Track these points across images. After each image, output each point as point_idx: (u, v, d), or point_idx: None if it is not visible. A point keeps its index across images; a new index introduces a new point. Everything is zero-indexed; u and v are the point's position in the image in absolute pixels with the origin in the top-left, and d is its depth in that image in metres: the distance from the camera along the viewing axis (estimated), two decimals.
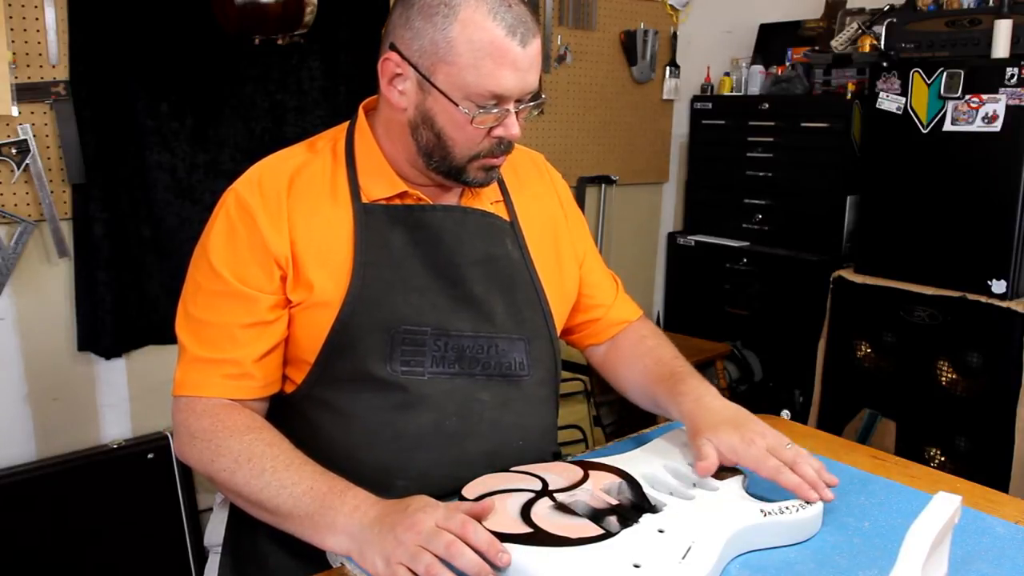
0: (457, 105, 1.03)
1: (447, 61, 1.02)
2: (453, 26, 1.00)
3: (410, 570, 0.85)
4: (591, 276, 1.34)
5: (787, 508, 0.97)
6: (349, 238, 1.10)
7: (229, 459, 1.01)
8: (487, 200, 1.20)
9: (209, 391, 1.06)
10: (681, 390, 1.15)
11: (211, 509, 1.29)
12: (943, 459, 2.53)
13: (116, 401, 2.29)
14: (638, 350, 1.30)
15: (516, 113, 1.06)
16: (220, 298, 1.08)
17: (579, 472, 1.04)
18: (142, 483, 2.24)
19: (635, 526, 0.92)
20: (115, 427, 2.30)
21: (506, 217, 1.21)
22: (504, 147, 1.09)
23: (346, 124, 1.19)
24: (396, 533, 0.87)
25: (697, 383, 1.16)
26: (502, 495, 0.98)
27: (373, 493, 0.96)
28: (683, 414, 1.12)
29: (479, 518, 0.90)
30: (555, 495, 0.98)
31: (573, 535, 0.89)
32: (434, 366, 1.10)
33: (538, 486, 1.01)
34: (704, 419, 1.08)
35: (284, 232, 1.08)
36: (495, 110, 1.04)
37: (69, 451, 2.20)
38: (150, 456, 2.25)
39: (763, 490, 1.04)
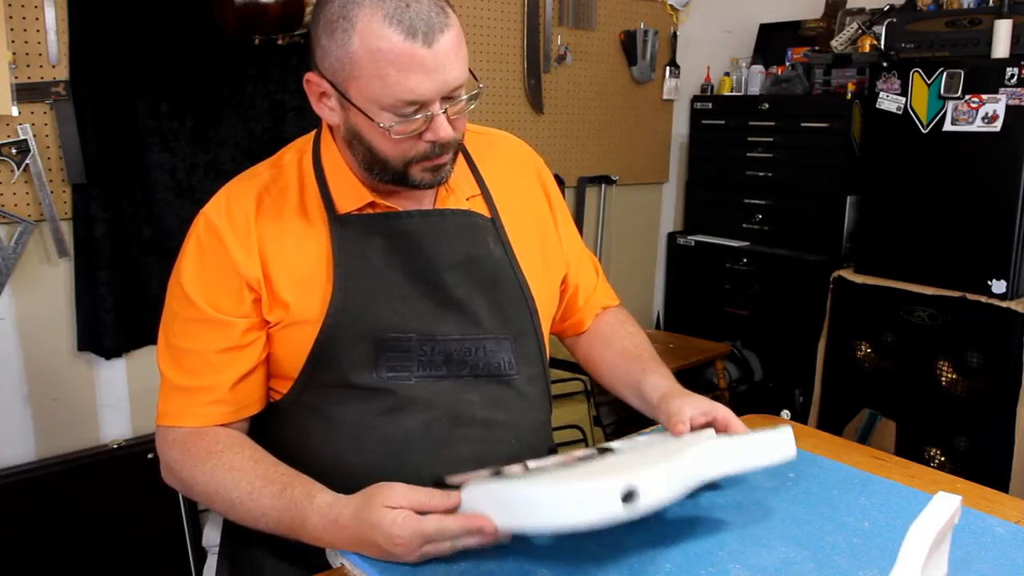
0: (372, 120, 1.00)
1: (354, 76, 0.98)
2: (353, 39, 0.96)
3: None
4: (573, 263, 1.33)
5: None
6: (326, 252, 1.09)
7: (200, 490, 1.04)
8: (462, 196, 1.17)
9: (183, 421, 1.07)
10: (659, 369, 1.23)
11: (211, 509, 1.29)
12: (943, 459, 2.53)
13: (116, 401, 2.29)
14: (618, 332, 1.33)
15: (447, 111, 1.02)
16: (195, 325, 1.08)
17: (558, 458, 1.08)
18: (142, 483, 2.23)
19: (608, 453, 0.98)
20: (115, 427, 2.30)
21: (486, 213, 1.19)
22: (440, 148, 1.04)
23: (312, 135, 1.17)
24: (394, 554, 0.90)
25: (664, 373, 1.23)
26: (474, 472, 1.00)
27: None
28: (656, 385, 1.18)
29: (450, 509, 0.92)
30: (527, 463, 1.01)
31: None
32: (421, 370, 1.10)
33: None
34: (676, 389, 1.16)
35: (254, 254, 1.07)
36: (417, 116, 1.00)
37: (69, 451, 2.20)
38: (150, 456, 2.25)
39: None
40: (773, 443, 1.01)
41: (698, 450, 0.95)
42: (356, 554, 0.93)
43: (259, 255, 1.07)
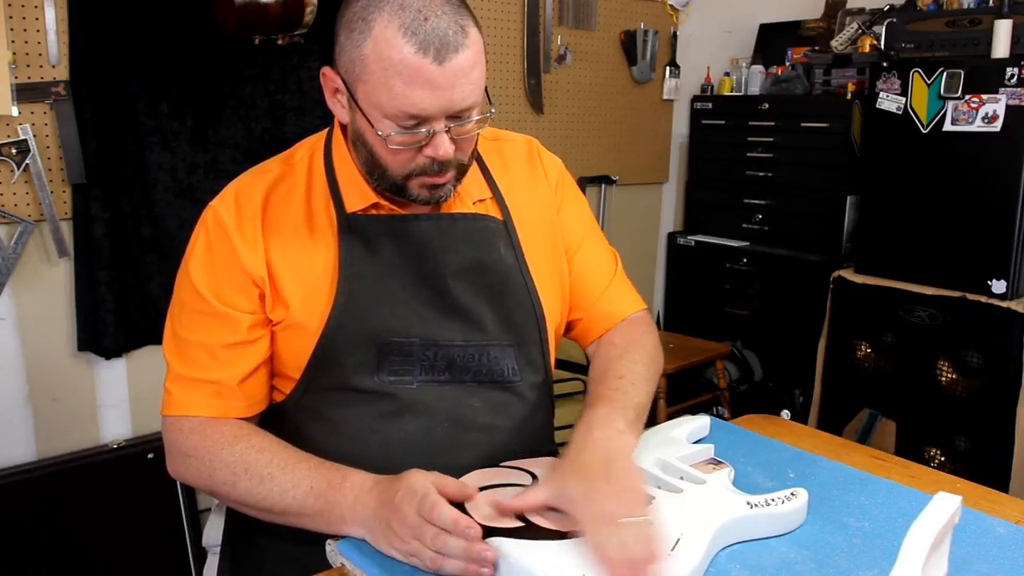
0: (373, 126, 0.99)
1: (362, 80, 0.98)
2: (367, 42, 0.96)
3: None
4: (582, 267, 1.27)
5: (773, 500, 0.98)
6: (332, 255, 1.08)
7: (226, 472, 1.02)
8: (469, 200, 1.16)
9: (195, 410, 1.07)
10: (585, 415, 1.04)
11: (211, 509, 1.29)
12: (943, 459, 2.53)
13: (116, 401, 2.30)
14: (600, 358, 1.22)
15: (451, 130, 0.99)
16: (202, 317, 1.07)
17: None
18: (142, 483, 2.24)
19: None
20: (115, 427, 2.30)
21: (498, 216, 1.17)
22: (439, 166, 1.02)
23: (324, 133, 1.17)
24: (392, 528, 0.90)
25: (605, 411, 1.03)
26: (493, 490, 0.98)
27: None
28: (570, 440, 1.00)
29: (463, 500, 0.92)
30: (535, 472, 0.99)
31: (564, 528, 0.90)
32: (423, 375, 1.09)
33: (528, 481, 1.01)
34: (572, 455, 0.97)
35: (259, 251, 1.07)
36: (420, 130, 0.98)
37: (69, 451, 2.21)
38: (150, 456, 2.25)
39: (750, 485, 1.05)
40: (787, 517, 0.98)
41: (721, 526, 0.93)
42: (356, 553, 0.93)
43: (264, 253, 1.07)
